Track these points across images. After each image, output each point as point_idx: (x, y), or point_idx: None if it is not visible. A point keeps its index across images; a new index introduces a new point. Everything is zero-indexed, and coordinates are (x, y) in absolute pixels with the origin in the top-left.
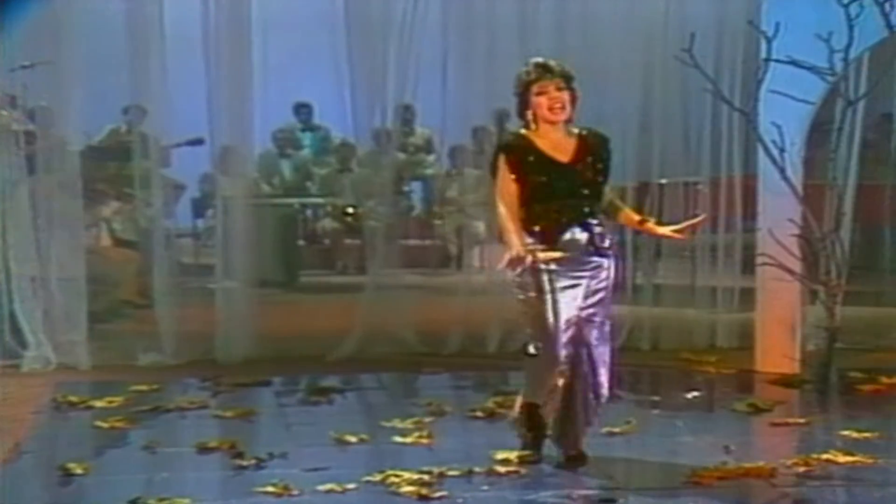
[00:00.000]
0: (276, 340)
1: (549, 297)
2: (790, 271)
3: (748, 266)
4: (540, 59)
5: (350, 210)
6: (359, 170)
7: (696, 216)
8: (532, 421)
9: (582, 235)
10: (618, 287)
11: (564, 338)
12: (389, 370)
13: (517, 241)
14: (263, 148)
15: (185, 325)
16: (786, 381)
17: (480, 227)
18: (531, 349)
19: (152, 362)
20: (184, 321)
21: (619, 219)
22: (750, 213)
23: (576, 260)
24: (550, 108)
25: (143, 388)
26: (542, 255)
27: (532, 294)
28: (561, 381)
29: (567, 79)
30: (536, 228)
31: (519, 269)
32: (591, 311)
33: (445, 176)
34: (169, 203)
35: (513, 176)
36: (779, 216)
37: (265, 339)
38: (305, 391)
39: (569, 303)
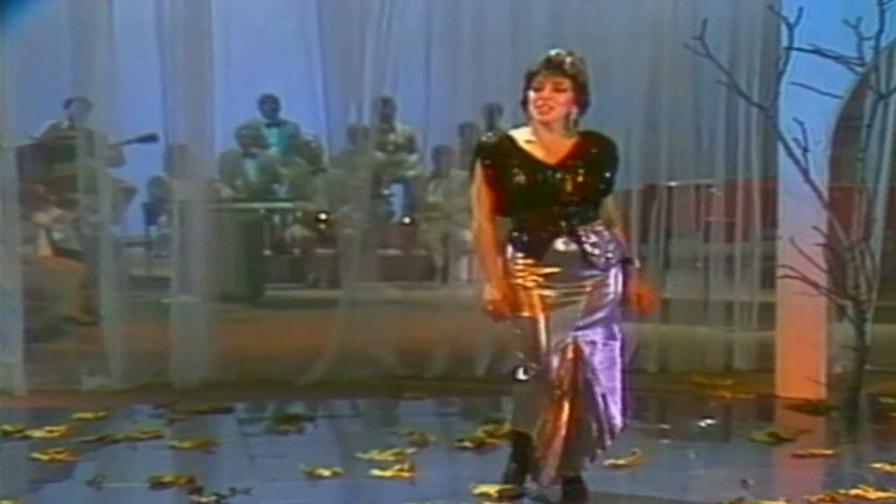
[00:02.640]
0: (239, 362)
1: (540, 315)
2: (815, 285)
3: (768, 279)
4: (555, 52)
5: (322, 216)
6: (332, 171)
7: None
8: (518, 452)
9: (571, 247)
10: (623, 304)
11: (558, 361)
12: (366, 395)
13: (493, 279)
14: (225, 146)
15: (135, 345)
16: (810, 408)
17: (468, 235)
18: (521, 374)
19: (98, 386)
20: (134, 340)
21: None
22: (769, 219)
23: (568, 274)
24: (537, 107)
25: (88, 415)
26: (531, 271)
27: (522, 312)
28: (560, 410)
29: (574, 80)
30: (524, 239)
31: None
32: (589, 331)
33: (429, 178)
34: (118, 208)
35: (491, 182)
36: (802, 223)
37: (227, 360)
38: (272, 419)
39: (563, 322)
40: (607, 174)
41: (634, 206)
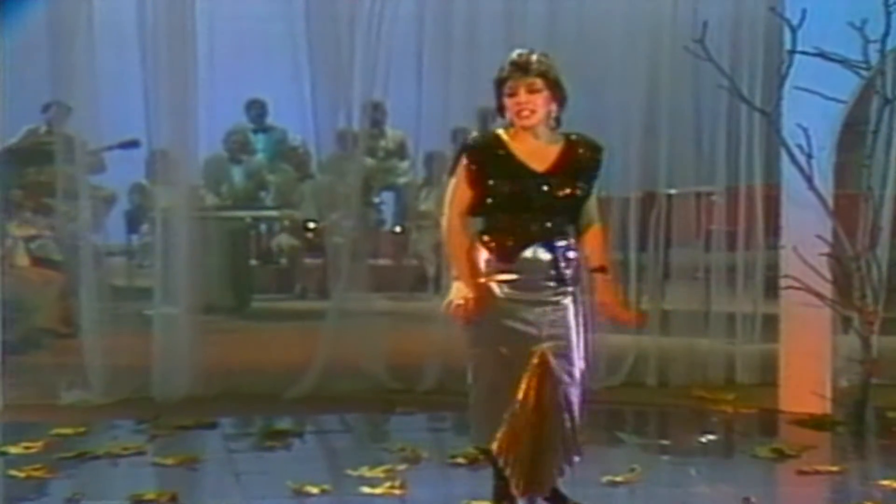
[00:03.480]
0: (224, 375)
1: (505, 322)
2: (819, 295)
3: (771, 289)
4: (517, 53)
5: (310, 224)
6: (320, 177)
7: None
8: (499, 468)
9: (544, 256)
10: (587, 323)
11: (522, 370)
12: (356, 410)
13: (464, 277)
14: (209, 152)
15: (116, 358)
16: (815, 423)
17: None
18: (476, 384)
19: (77, 401)
20: (115, 353)
21: (583, 246)
22: (772, 228)
23: (537, 283)
24: (517, 113)
25: (67, 430)
26: (496, 276)
27: (482, 319)
28: (522, 421)
29: (546, 78)
30: (497, 243)
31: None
32: (555, 342)
33: (421, 185)
34: (98, 216)
35: (472, 183)
36: (806, 232)
37: (211, 373)
38: (258, 434)
39: (529, 331)
40: (590, 183)
41: (633, 214)
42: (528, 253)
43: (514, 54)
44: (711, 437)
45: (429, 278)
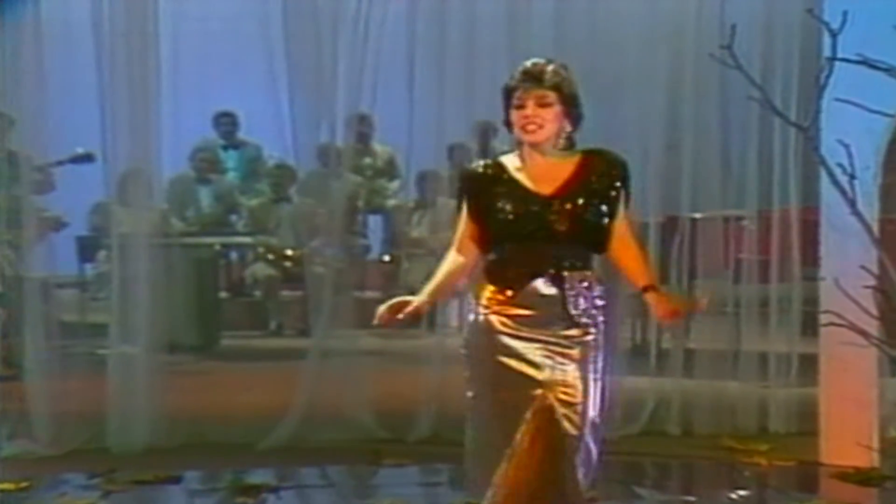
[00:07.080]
0: (190, 423)
1: (500, 361)
2: (864, 333)
3: (808, 326)
4: (532, 63)
5: (288, 252)
6: (299, 199)
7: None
8: None
9: (551, 290)
10: (608, 363)
11: (520, 417)
12: (339, 461)
13: (425, 290)
14: (173, 170)
15: (66, 404)
16: (860, 477)
17: None
18: (471, 432)
19: (21, 452)
20: (65, 398)
21: (623, 269)
22: (810, 257)
23: (544, 321)
24: (523, 127)
25: (8, 486)
26: (502, 309)
27: (480, 357)
28: (516, 472)
29: (560, 91)
30: (501, 271)
31: (386, 322)
32: (562, 388)
33: (412, 208)
34: (45, 242)
35: (474, 216)
36: (848, 261)
37: (174, 421)
38: (228, 490)
39: (530, 374)
40: (612, 204)
41: (653, 242)
42: (533, 286)
43: (528, 63)
44: (743, 492)
45: (421, 314)
